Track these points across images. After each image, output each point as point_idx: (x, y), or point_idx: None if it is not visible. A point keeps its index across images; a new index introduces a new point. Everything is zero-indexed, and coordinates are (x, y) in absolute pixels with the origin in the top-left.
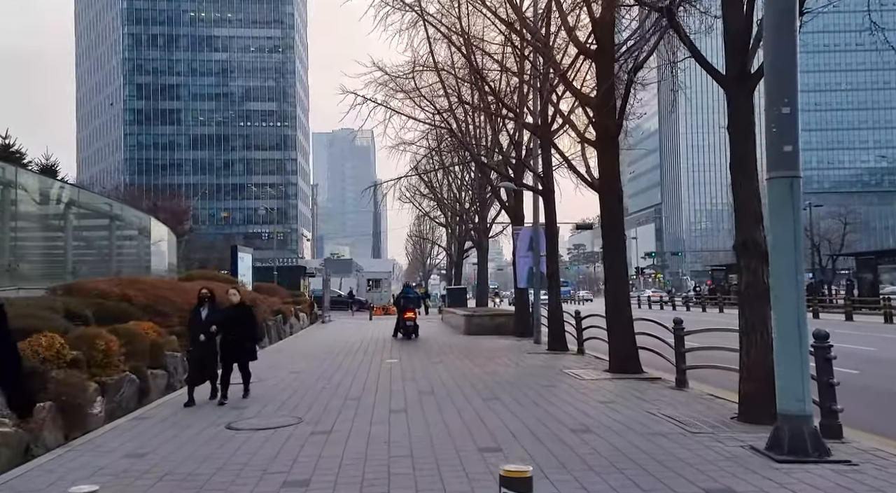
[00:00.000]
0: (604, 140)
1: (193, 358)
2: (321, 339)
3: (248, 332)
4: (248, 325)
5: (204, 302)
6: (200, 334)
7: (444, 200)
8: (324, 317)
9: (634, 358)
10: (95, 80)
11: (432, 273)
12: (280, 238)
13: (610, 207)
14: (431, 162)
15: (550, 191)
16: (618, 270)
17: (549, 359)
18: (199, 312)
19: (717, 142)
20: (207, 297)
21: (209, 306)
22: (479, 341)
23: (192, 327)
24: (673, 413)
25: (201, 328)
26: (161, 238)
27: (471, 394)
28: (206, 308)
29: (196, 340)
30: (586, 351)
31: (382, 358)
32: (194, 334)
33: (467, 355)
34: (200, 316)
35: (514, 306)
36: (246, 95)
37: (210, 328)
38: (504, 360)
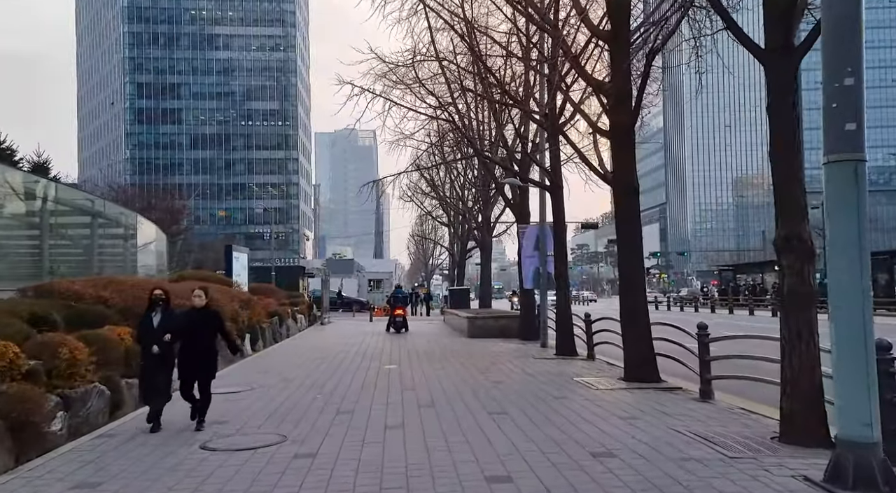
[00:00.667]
0: (618, 130)
1: (145, 376)
2: (318, 342)
3: (211, 343)
4: (212, 334)
5: (156, 305)
6: (153, 345)
7: (447, 198)
8: (322, 318)
9: (652, 365)
10: (96, 80)
11: (434, 273)
12: (281, 238)
13: (625, 201)
14: (433, 157)
15: (559, 186)
16: (634, 269)
17: (558, 365)
18: (151, 318)
19: (723, 141)
20: (161, 299)
21: (163, 310)
22: (482, 345)
23: (142, 337)
24: (704, 432)
25: (153, 338)
26: (149, 237)
27: (475, 407)
28: (159, 313)
29: (147, 352)
30: (597, 356)
31: (381, 363)
32: (145, 345)
33: (470, 361)
34: (152, 323)
35: (519, 308)
36: (247, 95)
37: (164, 337)
38: (510, 366)
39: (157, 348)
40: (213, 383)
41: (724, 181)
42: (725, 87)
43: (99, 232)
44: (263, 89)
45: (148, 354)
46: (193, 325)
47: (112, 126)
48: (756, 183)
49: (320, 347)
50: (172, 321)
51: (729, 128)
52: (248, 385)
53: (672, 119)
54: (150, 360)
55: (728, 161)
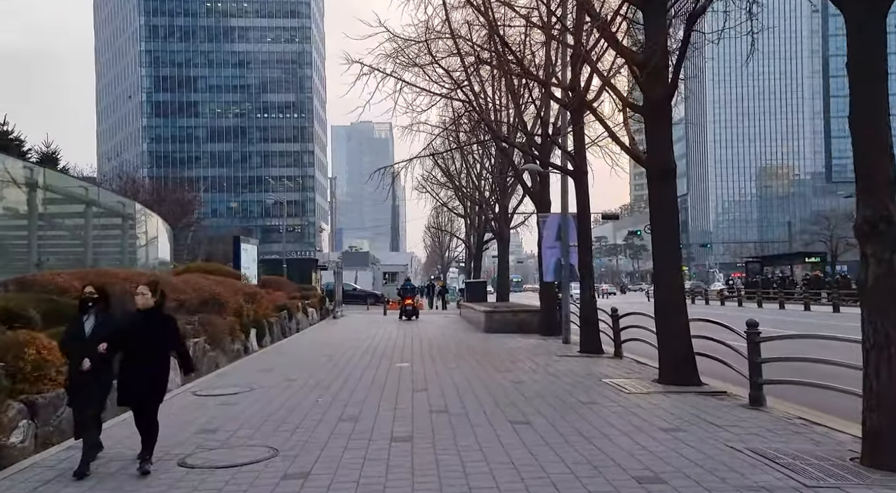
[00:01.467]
0: (653, 105)
1: (74, 395)
2: (328, 337)
3: (161, 355)
4: (162, 344)
5: (88, 307)
6: (84, 359)
7: (463, 188)
8: (335, 312)
9: (690, 366)
10: (114, 73)
11: (451, 266)
12: (297, 231)
13: (659, 185)
14: (448, 142)
15: (583, 171)
16: (670, 260)
17: (583, 364)
18: (82, 323)
19: (745, 132)
20: (93, 298)
21: (97, 312)
22: (500, 341)
23: (68, 348)
24: (766, 449)
25: (84, 349)
26: (152, 228)
27: (494, 414)
28: (93, 316)
29: (77, 367)
30: (625, 354)
31: (392, 361)
32: (74, 358)
33: (488, 358)
34: (83, 329)
35: (540, 302)
36: (263, 87)
37: (98, 348)
38: (530, 364)
39: (89, 363)
40: (210, 384)
41: (747, 171)
42: (749, 74)
43: (94, 222)
44: (279, 81)
45: (77, 370)
46: (137, 332)
47: (129, 120)
48: (781, 173)
49: (330, 342)
50: (110, 327)
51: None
52: (247, 386)
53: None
54: (79, 378)
55: (752, 151)
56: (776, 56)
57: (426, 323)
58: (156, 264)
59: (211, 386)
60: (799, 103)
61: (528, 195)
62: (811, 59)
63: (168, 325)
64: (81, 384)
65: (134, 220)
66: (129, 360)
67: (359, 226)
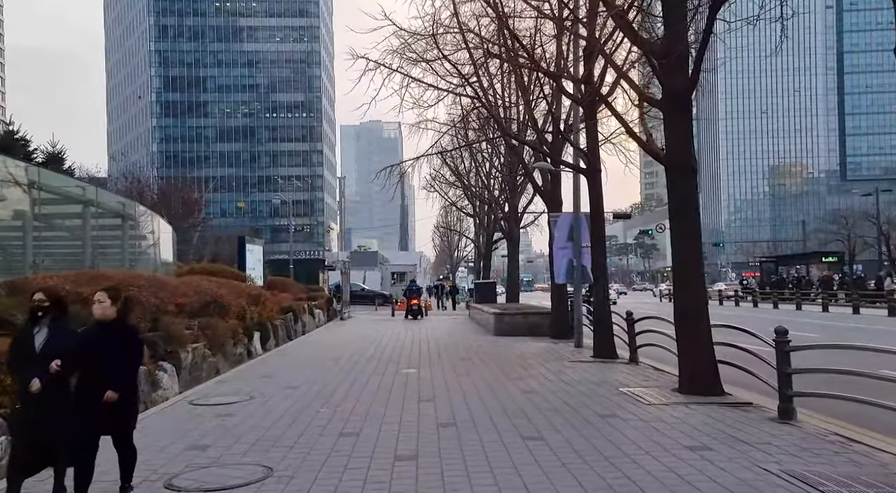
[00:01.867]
0: (673, 99)
1: (21, 424)
2: (334, 340)
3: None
4: (127, 361)
5: (39, 317)
6: (33, 379)
7: (472, 187)
8: (342, 313)
9: (713, 375)
10: (124, 74)
11: (459, 266)
12: (306, 231)
13: (680, 183)
14: (456, 140)
15: (596, 169)
16: (691, 262)
17: (598, 370)
18: (31, 336)
19: (758, 129)
20: (44, 307)
21: (50, 323)
22: (510, 344)
23: (16, 365)
24: (804, 472)
25: (34, 366)
26: (154, 229)
27: (505, 428)
28: (45, 327)
29: (25, 388)
30: (640, 360)
31: (399, 366)
32: (23, 377)
33: (498, 364)
34: (32, 343)
35: (551, 304)
36: (272, 87)
37: (51, 366)
38: (542, 370)
39: (38, 383)
40: (209, 391)
41: (759, 169)
42: (762, 70)
43: (93, 223)
44: (288, 81)
45: (26, 391)
46: (95, 347)
47: (139, 120)
48: (794, 171)
49: (336, 345)
50: (64, 341)
51: (765, 114)
52: (247, 394)
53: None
54: (29, 401)
55: (764, 148)
56: (789, 52)
57: (434, 325)
58: (157, 265)
59: (210, 394)
60: (813, 100)
61: (538, 194)
62: (825, 56)
63: (131, 338)
64: (31, 409)
65: (135, 221)
66: (83, 382)
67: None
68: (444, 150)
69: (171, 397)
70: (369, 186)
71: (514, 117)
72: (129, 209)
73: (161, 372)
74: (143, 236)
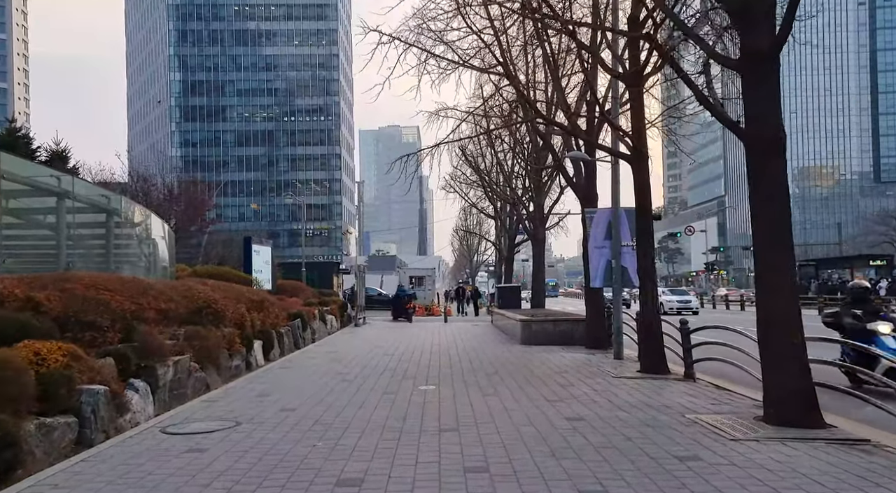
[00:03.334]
0: (755, 59)
1: None
2: (346, 349)
3: None
4: None
5: None
6: None
7: (493, 185)
8: (356, 319)
9: (809, 401)
10: (144, 78)
11: (479, 270)
12: (324, 235)
13: (765, 161)
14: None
15: (643, 154)
16: (780, 258)
17: (651, 390)
18: None
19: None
20: None
21: None
22: (541, 356)
23: None
24: None
25: None
26: (148, 228)
27: (555, 476)
28: None
29: None
30: (697, 375)
31: (415, 383)
32: None
33: (530, 380)
34: None
35: (586, 310)
36: (290, 90)
37: None
38: (585, 389)
39: None
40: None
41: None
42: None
43: (69, 219)
44: (307, 85)
45: None
46: None
47: (159, 124)
48: (825, 173)
49: (346, 356)
50: None
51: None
52: (233, 419)
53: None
54: None
55: (794, 149)
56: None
57: (455, 332)
58: (152, 267)
59: (189, 418)
60: (845, 99)
61: (571, 187)
62: (858, 54)
63: None
64: None
65: (121, 217)
66: None
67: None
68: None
69: (143, 422)
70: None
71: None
72: (114, 204)
73: (131, 392)
74: (133, 235)
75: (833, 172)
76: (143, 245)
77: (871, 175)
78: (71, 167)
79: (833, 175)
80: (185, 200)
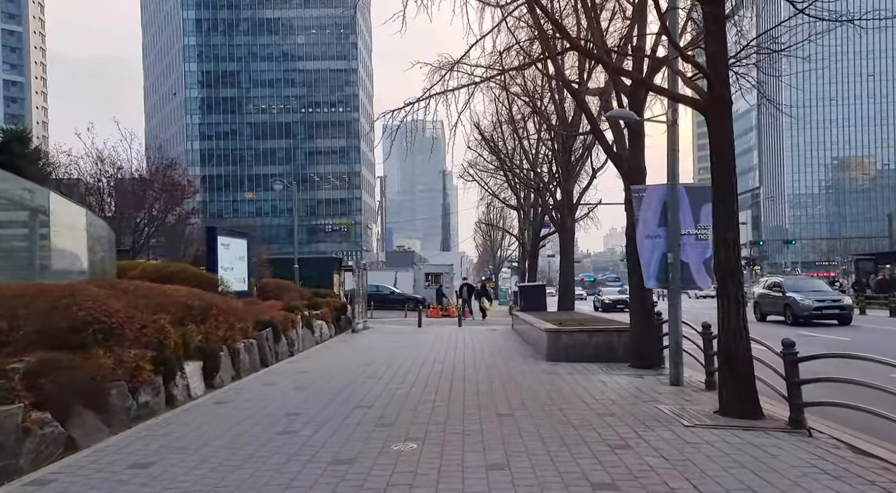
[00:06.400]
0: None
1: None
2: (324, 368)
3: None
4: None
5: None
6: None
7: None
8: (355, 324)
9: None
10: (160, 69)
11: (503, 266)
12: (344, 230)
13: None
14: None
15: (725, 100)
16: None
17: (754, 453)
18: None
19: (824, 116)
20: None
21: None
22: (574, 380)
23: None
24: None
25: None
26: (65, 221)
27: None
28: None
29: None
30: (810, 424)
31: (390, 436)
32: None
33: (562, 432)
34: None
35: (630, 318)
36: (307, 81)
37: None
38: (649, 455)
39: None
40: None
41: (826, 162)
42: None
43: None
44: (324, 74)
45: None
46: None
47: (174, 117)
48: (867, 163)
49: (317, 379)
50: None
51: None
52: None
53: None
54: None
55: (831, 139)
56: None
57: (467, 340)
58: (78, 267)
59: None
60: (887, 85)
61: (611, 160)
62: None
63: None
64: None
65: (48, 215)
66: None
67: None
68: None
69: None
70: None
71: None
72: (39, 200)
73: None
74: (61, 233)
75: (875, 161)
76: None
77: None
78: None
79: (875, 165)
80: (160, 187)
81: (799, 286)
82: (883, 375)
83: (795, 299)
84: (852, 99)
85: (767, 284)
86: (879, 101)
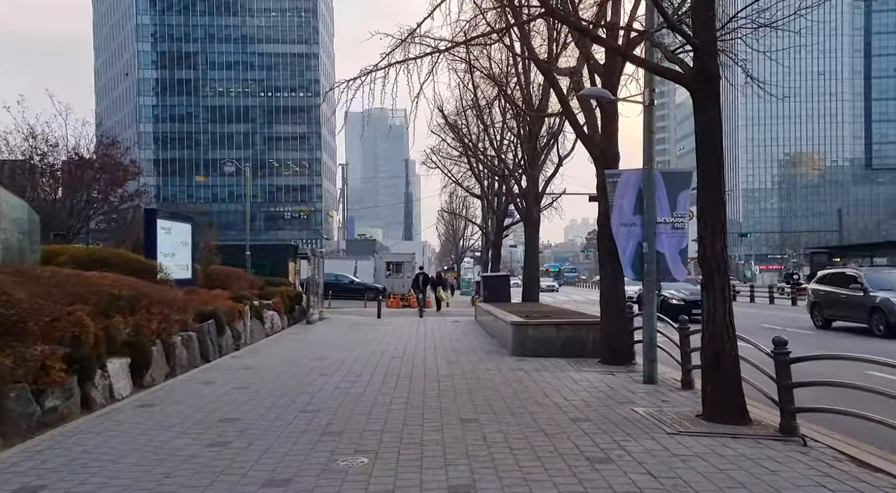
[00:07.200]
0: None
1: None
2: (271, 363)
3: None
4: None
5: None
6: None
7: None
8: (310, 315)
9: None
10: (112, 48)
11: (465, 256)
12: (304, 218)
13: None
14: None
15: (714, 77)
16: None
17: (751, 465)
18: None
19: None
20: None
21: None
22: (543, 378)
23: None
24: None
25: None
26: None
27: None
28: None
29: None
30: (803, 431)
31: (338, 446)
32: None
33: (533, 442)
34: None
35: (601, 311)
36: (267, 64)
37: None
38: (632, 465)
39: None
40: None
41: (777, 158)
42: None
43: None
44: (284, 58)
45: None
46: None
47: (126, 98)
48: (816, 160)
49: (263, 377)
50: None
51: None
52: None
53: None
54: None
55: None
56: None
57: (429, 332)
58: None
59: None
60: (838, 84)
61: (582, 142)
62: (852, 37)
63: None
64: None
65: None
66: None
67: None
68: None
69: None
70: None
71: None
72: None
73: None
74: None
75: (825, 158)
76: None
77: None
78: None
79: (825, 162)
80: (100, 166)
81: (889, 281)
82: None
83: (889, 300)
84: (803, 96)
85: (830, 276)
86: (829, 98)
